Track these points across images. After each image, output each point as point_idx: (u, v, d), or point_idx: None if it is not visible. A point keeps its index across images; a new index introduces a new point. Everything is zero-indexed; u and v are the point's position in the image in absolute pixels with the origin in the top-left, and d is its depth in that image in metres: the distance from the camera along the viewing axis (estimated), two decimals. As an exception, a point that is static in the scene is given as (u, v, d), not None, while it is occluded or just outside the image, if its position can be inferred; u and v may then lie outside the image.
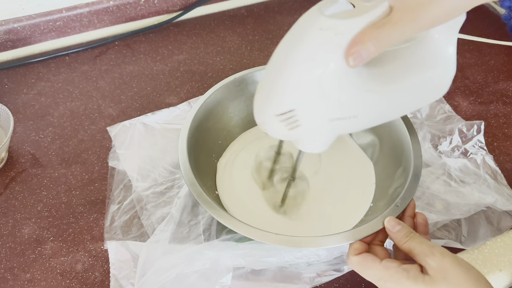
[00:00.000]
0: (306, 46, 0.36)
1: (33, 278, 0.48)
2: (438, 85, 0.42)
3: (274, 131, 0.40)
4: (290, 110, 0.38)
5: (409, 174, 0.46)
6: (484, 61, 0.73)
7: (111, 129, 0.61)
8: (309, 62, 0.36)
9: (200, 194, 0.44)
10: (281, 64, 0.37)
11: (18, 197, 0.55)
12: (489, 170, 0.56)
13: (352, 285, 0.48)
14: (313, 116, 0.39)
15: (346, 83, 0.37)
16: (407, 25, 0.34)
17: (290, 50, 0.37)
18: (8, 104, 0.64)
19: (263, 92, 0.40)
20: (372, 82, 0.39)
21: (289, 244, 0.41)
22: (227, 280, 0.44)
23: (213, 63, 0.72)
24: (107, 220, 0.52)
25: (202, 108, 0.52)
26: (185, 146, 0.48)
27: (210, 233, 0.50)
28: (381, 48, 0.34)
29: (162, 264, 0.45)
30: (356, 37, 0.34)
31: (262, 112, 0.40)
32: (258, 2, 0.84)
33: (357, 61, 0.34)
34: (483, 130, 0.59)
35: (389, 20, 0.34)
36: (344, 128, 0.41)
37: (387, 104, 0.41)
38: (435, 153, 0.58)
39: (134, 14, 0.76)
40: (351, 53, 0.34)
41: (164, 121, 0.62)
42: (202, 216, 0.51)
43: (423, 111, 0.63)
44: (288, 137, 0.42)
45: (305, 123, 0.39)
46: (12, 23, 0.69)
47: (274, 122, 0.39)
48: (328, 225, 0.50)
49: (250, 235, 0.41)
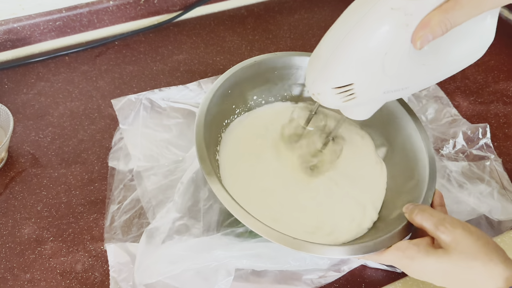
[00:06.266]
0: (374, 23, 0.36)
1: (33, 278, 0.48)
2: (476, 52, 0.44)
3: (328, 101, 0.41)
4: (349, 84, 0.39)
5: (424, 188, 0.46)
6: (484, 61, 0.73)
7: (115, 102, 0.60)
8: (376, 39, 0.36)
9: (219, 189, 0.42)
10: (345, 37, 0.37)
11: (18, 197, 0.55)
12: (495, 174, 0.56)
13: (352, 285, 0.48)
14: (369, 90, 0.40)
15: (406, 60, 0.38)
16: (473, 8, 0.35)
17: (356, 24, 0.37)
18: (8, 104, 0.64)
19: (320, 63, 0.40)
20: (426, 56, 0.40)
21: (302, 248, 0.40)
22: (227, 283, 0.44)
23: (213, 63, 0.72)
24: (107, 220, 0.52)
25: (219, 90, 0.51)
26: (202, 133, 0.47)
27: (210, 223, 0.49)
28: (447, 30, 0.35)
29: (163, 254, 0.44)
30: (424, 20, 0.35)
31: (318, 83, 0.41)
32: (258, 2, 0.84)
33: (424, 43, 0.36)
34: (489, 133, 0.59)
35: (456, 4, 0.35)
36: (392, 97, 0.43)
37: (434, 73, 0.42)
38: (436, 156, 0.57)
39: (134, 14, 0.76)
40: (419, 36, 0.35)
41: (171, 99, 0.60)
42: (203, 203, 0.49)
43: (429, 114, 0.63)
44: (340, 107, 0.43)
45: (360, 96, 0.40)
46: (12, 23, 0.69)
47: (331, 94, 0.40)
48: (335, 222, 0.50)
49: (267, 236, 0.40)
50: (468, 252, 0.37)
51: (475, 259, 0.37)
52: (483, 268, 0.37)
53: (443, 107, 0.64)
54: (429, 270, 0.39)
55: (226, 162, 0.53)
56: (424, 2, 0.35)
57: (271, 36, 0.77)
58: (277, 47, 0.75)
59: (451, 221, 0.39)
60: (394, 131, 0.54)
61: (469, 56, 0.43)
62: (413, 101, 0.64)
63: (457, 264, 0.37)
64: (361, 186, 0.53)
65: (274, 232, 0.41)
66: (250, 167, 0.53)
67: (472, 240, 0.37)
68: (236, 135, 0.56)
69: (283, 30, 0.78)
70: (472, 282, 0.37)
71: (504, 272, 0.36)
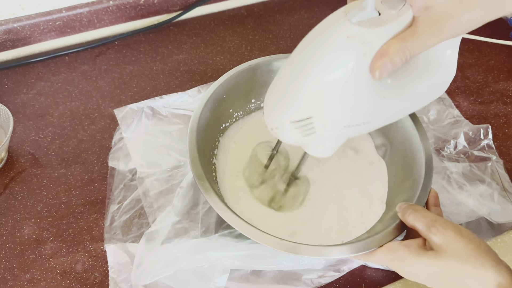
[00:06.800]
0: (331, 53, 0.35)
1: (33, 278, 0.48)
2: (439, 86, 0.43)
3: (287, 137, 0.40)
4: (307, 118, 0.37)
5: (418, 188, 0.46)
6: (484, 61, 0.73)
7: (118, 112, 0.61)
8: (333, 70, 0.35)
9: (208, 190, 0.44)
10: (301, 69, 0.36)
11: (17, 197, 0.55)
12: (496, 175, 0.55)
13: (352, 285, 0.48)
14: (329, 123, 0.38)
15: (366, 92, 0.37)
16: (432, 37, 0.34)
17: (312, 55, 0.35)
18: (7, 104, 0.64)
19: (278, 96, 0.38)
20: (386, 89, 0.39)
21: (290, 250, 0.40)
22: (222, 280, 0.44)
23: (213, 63, 0.72)
24: (107, 220, 0.52)
25: (212, 97, 0.52)
26: (195, 138, 0.47)
27: (209, 225, 0.49)
28: (406, 60, 0.34)
29: (160, 255, 0.45)
30: (382, 49, 0.34)
31: (276, 117, 0.39)
32: (258, 2, 0.84)
33: (383, 73, 0.34)
34: (491, 134, 0.59)
35: (414, 32, 0.34)
36: (355, 133, 0.41)
37: (397, 107, 0.41)
38: (437, 157, 0.57)
39: (134, 14, 0.76)
40: (377, 65, 0.34)
41: (171, 106, 0.61)
42: (202, 207, 0.50)
43: (431, 116, 0.62)
44: (300, 143, 0.41)
45: (320, 130, 0.38)
46: (12, 23, 0.69)
47: (289, 128, 0.38)
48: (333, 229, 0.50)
49: (254, 237, 0.41)
50: (459, 255, 0.37)
51: (465, 263, 0.36)
52: (473, 272, 0.36)
53: (445, 108, 0.63)
54: (420, 272, 0.39)
55: (222, 166, 0.53)
56: (382, 30, 0.34)
57: (271, 36, 0.77)
58: (277, 47, 0.75)
59: (443, 222, 0.38)
60: (394, 130, 0.54)
61: (432, 90, 0.42)
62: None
63: (447, 267, 0.37)
64: (364, 185, 0.53)
65: (256, 231, 0.41)
66: (243, 168, 0.53)
67: (463, 244, 0.37)
68: (233, 139, 0.56)
69: (283, 30, 0.78)
70: (463, 285, 0.37)
71: (495, 276, 0.36)
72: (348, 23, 0.34)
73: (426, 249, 0.39)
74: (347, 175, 0.54)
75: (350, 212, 0.50)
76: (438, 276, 0.38)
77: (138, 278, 0.44)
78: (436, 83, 0.42)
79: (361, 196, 0.52)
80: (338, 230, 0.49)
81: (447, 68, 0.41)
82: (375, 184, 0.53)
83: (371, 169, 0.54)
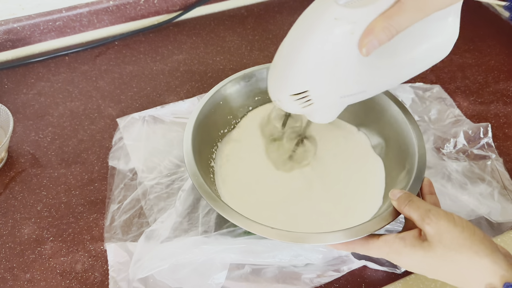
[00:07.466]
0: (321, 34, 0.37)
1: (33, 278, 0.48)
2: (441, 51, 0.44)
3: (289, 107, 0.44)
4: (304, 91, 0.41)
5: (411, 177, 0.46)
6: (484, 61, 0.73)
7: (120, 121, 0.62)
8: (324, 49, 0.38)
9: (202, 185, 0.45)
10: (295, 49, 0.39)
11: (17, 197, 0.55)
12: (496, 174, 0.55)
13: (352, 285, 0.48)
14: (325, 95, 0.42)
15: (357, 66, 0.40)
16: (417, 12, 0.35)
17: (304, 36, 0.38)
18: (7, 104, 0.64)
19: (277, 72, 0.42)
20: (380, 59, 0.41)
21: (290, 239, 0.41)
22: (221, 277, 0.44)
23: (213, 63, 0.72)
24: (107, 219, 0.52)
25: (208, 103, 0.53)
26: (190, 140, 0.49)
27: (208, 227, 0.50)
28: (392, 36, 0.36)
29: (159, 251, 0.45)
30: (368, 27, 0.36)
31: (277, 91, 0.43)
32: (258, 2, 0.84)
33: (370, 50, 0.36)
34: (491, 133, 0.59)
35: (400, 9, 0.35)
36: (353, 101, 0.44)
37: (393, 74, 0.44)
38: (437, 156, 0.57)
39: (134, 14, 0.76)
40: (364, 43, 0.36)
41: (172, 114, 0.63)
42: (202, 209, 0.51)
43: (432, 115, 0.62)
44: (302, 112, 0.45)
45: (317, 101, 0.42)
46: (12, 23, 0.69)
47: (289, 101, 0.42)
48: (332, 222, 0.50)
49: (251, 228, 0.41)
50: (452, 245, 0.36)
51: (459, 253, 0.36)
52: (468, 261, 0.36)
53: (446, 108, 0.63)
54: (417, 264, 0.39)
55: (220, 168, 0.54)
56: (368, 9, 0.36)
57: (271, 36, 0.77)
58: (277, 47, 0.74)
59: (436, 212, 0.38)
60: (388, 126, 0.54)
61: (433, 55, 0.44)
62: (416, 102, 0.64)
63: (442, 258, 0.37)
64: (361, 183, 0.53)
65: (271, 230, 0.41)
66: (242, 170, 0.54)
67: (457, 232, 0.37)
68: (231, 139, 0.57)
69: (283, 30, 0.78)
70: (460, 275, 0.37)
71: (490, 265, 0.35)
72: (335, 5, 0.36)
73: (422, 240, 0.38)
74: (344, 173, 0.54)
75: (347, 209, 0.50)
76: (435, 267, 0.38)
77: (135, 273, 0.45)
78: (437, 48, 0.43)
79: (358, 193, 0.52)
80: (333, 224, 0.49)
81: (449, 33, 0.42)
82: (373, 182, 0.53)
83: (368, 168, 0.54)
